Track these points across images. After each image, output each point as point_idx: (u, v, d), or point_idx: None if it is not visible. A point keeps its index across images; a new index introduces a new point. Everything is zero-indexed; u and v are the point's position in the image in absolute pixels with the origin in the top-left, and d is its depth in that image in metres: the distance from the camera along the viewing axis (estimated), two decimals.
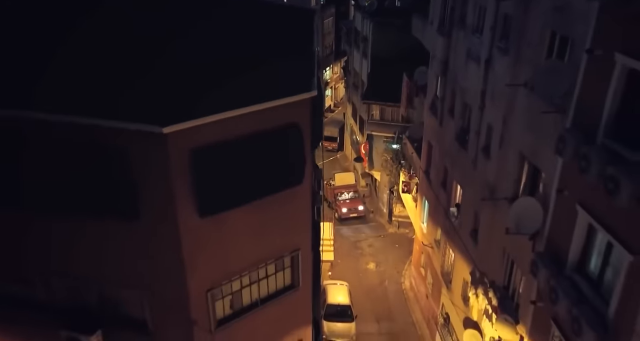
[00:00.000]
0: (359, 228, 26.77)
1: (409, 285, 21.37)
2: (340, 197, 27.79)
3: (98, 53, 8.04)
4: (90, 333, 9.03)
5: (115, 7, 9.26)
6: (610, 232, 7.14)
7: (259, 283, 9.81)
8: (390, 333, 18.40)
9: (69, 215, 8.33)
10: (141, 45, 8.26)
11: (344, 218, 26.97)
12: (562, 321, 8.36)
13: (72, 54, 8.10)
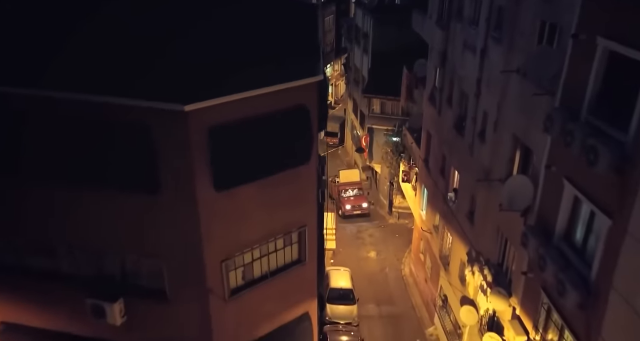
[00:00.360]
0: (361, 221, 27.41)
1: (408, 272, 22.07)
2: (345, 193, 27.75)
3: (125, 38, 8.68)
4: (113, 301, 9.72)
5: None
6: (592, 201, 7.82)
7: (268, 256, 10.51)
8: (391, 316, 19.10)
9: (94, 189, 9.02)
10: (162, 31, 8.89)
11: (347, 215, 26.94)
12: (549, 288, 9.05)
13: (100, 38, 8.74)
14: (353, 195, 27.69)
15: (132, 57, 8.32)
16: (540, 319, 9.74)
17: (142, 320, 10.01)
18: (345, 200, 27.43)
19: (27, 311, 10.76)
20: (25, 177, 9.21)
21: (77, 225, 9.58)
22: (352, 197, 27.53)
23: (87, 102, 8.16)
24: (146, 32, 8.63)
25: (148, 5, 9.46)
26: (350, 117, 38.47)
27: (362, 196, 27.96)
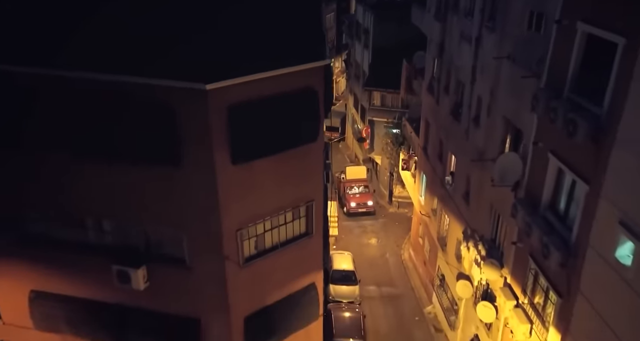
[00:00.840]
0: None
1: (407, 257, 22.97)
2: (350, 190, 27.52)
3: (153, 25, 9.46)
4: (137, 267, 10.59)
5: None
6: (573, 171, 8.70)
7: (279, 228, 11.38)
8: (391, 296, 20.01)
9: (120, 163, 9.89)
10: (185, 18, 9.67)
11: (352, 212, 26.75)
12: (536, 254, 9.93)
13: (133, 24, 9.50)
14: (359, 192, 27.44)
15: (158, 41, 9.15)
16: (528, 283, 10.64)
17: (163, 285, 10.89)
18: (351, 197, 27.14)
19: (55, 280, 11.63)
20: (58, 152, 10.09)
21: (103, 197, 10.44)
22: (357, 194, 27.28)
23: (118, 83, 9.02)
24: (170, 19, 9.45)
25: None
26: (351, 112, 39.36)
27: (368, 193, 27.60)
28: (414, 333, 17.95)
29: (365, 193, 27.62)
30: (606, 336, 7.73)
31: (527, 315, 10.58)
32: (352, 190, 27.57)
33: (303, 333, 13.07)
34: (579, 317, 8.62)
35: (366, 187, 28.09)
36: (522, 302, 10.96)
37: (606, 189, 7.66)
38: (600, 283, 7.89)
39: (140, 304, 11.38)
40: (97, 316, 11.86)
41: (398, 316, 18.88)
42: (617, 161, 7.43)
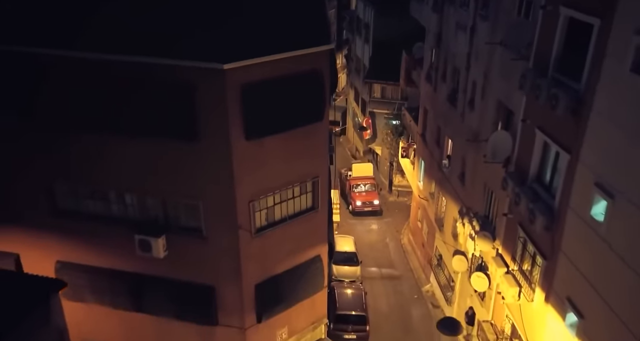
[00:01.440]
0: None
1: (407, 241, 23.88)
2: (356, 188, 26.89)
3: (175, 6, 10.26)
4: (157, 236, 11.47)
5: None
6: (557, 143, 9.58)
7: (287, 202, 12.27)
8: (391, 277, 20.93)
9: (142, 138, 10.75)
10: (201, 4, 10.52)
11: (357, 211, 26.17)
12: (524, 222, 10.82)
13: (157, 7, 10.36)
14: (365, 191, 26.84)
15: (179, 25, 9.99)
16: (517, 251, 11.53)
17: (181, 254, 11.78)
18: (357, 196, 26.52)
19: (80, 251, 12.52)
20: (86, 130, 10.97)
21: (126, 171, 11.33)
22: (363, 193, 26.72)
23: (143, 64, 9.90)
24: (190, 5, 10.26)
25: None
26: (352, 106, 40.22)
27: (374, 192, 26.96)
28: (413, 309, 18.85)
29: (372, 191, 26.95)
30: (584, 287, 8.62)
31: (516, 280, 11.48)
32: (357, 188, 26.98)
33: (309, 302, 13.98)
34: (560, 275, 9.52)
35: (373, 185, 27.45)
36: (512, 269, 11.85)
37: (583, 155, 8.54)
38: (578, 240, 8.78)
39: (159, 273, 12.27)
40: (118, 285, 12.76)
41: (397, 295, 19.79)
42: (592, 130, 8.31)
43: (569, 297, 9.08)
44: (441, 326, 15.49)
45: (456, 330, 14.97)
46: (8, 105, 11.12)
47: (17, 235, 12.53)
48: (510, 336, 12.46)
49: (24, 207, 12.28)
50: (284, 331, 13.58)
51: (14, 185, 12.09)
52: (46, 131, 11.25)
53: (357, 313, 16.63)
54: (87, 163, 11.42)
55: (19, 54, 10.61)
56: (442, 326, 15.47)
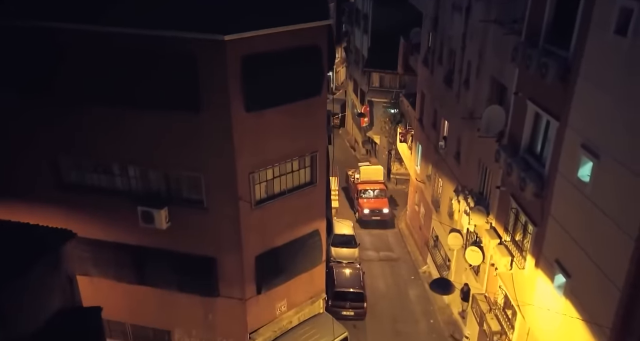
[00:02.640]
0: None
1: (404, 226, 24.24)
2: (364, 194, 24.27)
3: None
4: (160, 208, 11.79)
5: None
6: (546, 111, 9.90)
7: (286, 175, 12.58)
8: (388, 259, 21.29)
9: (144, 111, 11.04)
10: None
11: (364, 220, 23.58)
12: (516, 193, 11.14)
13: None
14: (373, 197, 24.17)
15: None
16: (510, 222, 11.86)
17: (183, 225, 12.10)
18: (364, 202, 23.84)
19: (85, 225, 12.77)
20: (89, 103, 11.27)
21: (129, 144, 11.62)
22: (372, 199, 24.04)
23: (146, 36, 10.19)
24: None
25: None
26: (351, 97, 40.55)
27: (384, 199, 24.16)
28: (410, 289, 19.21)
29: (381, 198, 24.11)
30: (571, 248, 8.95)
31: (508, 250, 11.81)
32: (365, 193, 24.29)
33: (307, 276, 14.32)
34: (549, 239, 9.85)
35: (383, 191, 24.59)
36: (505, 240, 12.19)
37: (571, 120, 8.86)
38: (566, 203, 9.11)
39: (161, 245, 12.60)
40: (122, 258, 13.09)
41: (395, 276, 20.15)
42: (579, 95, 8.63)
43: (557, 259, 9.41)
44: (434, 285, 15.99)
45: (448, 288, 15.46)
46: (13, 79, 11.42)
47: (22, 208, 12.82)
48: (503, 306, 12.81)
49: (29, 181, 12.59)
50: (283, 304, 13.92)
51: (19, 159, 12.40)
52: (50, 105, 11.55)
53: (354, 291, 16.98)
54: (91, 136, 11.71)
55: (26, 28, 10.91)
56: (435, 285, 15.97)
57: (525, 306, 11.03)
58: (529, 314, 10.90)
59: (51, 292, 6.65)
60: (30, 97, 11.50)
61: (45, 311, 6.58)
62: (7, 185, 12.73)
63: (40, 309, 6.49)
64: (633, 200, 7.16)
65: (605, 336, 7.88)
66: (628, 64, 7.30)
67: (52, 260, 6.56)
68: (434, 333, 16.48)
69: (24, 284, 6.14)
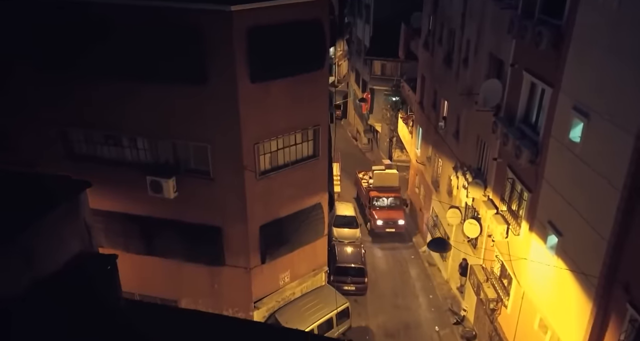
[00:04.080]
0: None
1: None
2: (377, 202, 21.57)
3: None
4: (168, 177, 12.21)
5: None
6: (541, 80, 10.28)
7: (290, 148, 12.99)
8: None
9: (152, 83, 11.44)
10: None
11: (377, 232, 21.09)
12: (512, 163, 11.53)
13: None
14: (387, 206, 21.44)
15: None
16: (506, 192, 12.25)
17: (190, 195, 12.52)
18: (377, 212, 21.14)
19: (95, 196, 12.98)
20: (100, 75, 11.67)
21: (138, 116, 12.04)
22: (386, 208, 21.35)
23: (154, 8, 10.59)
24: None
25: None
26: (353, 88, 40.93)
27: (399, 208, 21.59)
28: (410, 268, 19.60)
29: (397, 207, 21.49)
30: (562, 208, 9.35)
31: (504, 218, 12.21)
32: (379, 202, 21.56)
33: (310, 249, 14.75)
34: (543, 203, 10.25)
35: (398, 198, 21.91)
36: (501, 210, 12.58)
37: (564, 85, 9.24)
38: (558, 165, 9.51)
39: (169, 216, 13.03)
40: (131, 229, 13.53)
41: (396, 256, 20.56)
42: (571, 59, 9.00)
43: (550, 220, 9.80)
44: (432, 245, 16.51)
45: (444, 246, 15.98)
46: (29, 53, 11.84)
47: None
48: (499, 276, 13.22)
49: (41, 153, 13.03)
50: (286, 275, 14.36)
51: (31, 130, 12.82)
52: (62, 78, 11.98)
53: (356, 266, 17.41)
54: (101, 108, 12.13)
55: (41, 3, 11.30)
56: (432, 244, 16.50)
57: (520, 271, 11.44)
58: (524, 279, 11.31)
59: (71, 237, 7.05)
60: (44, 70, 11.93)
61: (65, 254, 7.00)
62: (19, 155, 13.15)
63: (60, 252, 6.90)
64: (619, 153, 7.55)
65: (593, 286, 8.29)
66: (616, 23, 7.68)
67: (71, 206, 6.97)
68: (433, 306, 16.89)
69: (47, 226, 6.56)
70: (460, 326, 15.59)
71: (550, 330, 10.04)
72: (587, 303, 8.51)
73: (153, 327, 7.02)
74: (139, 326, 6.97)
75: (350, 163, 29.10)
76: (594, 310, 8.27)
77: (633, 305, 7.45)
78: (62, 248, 6.91)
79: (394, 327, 15.97)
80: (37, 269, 6.37)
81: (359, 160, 32.26)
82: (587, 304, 8.48)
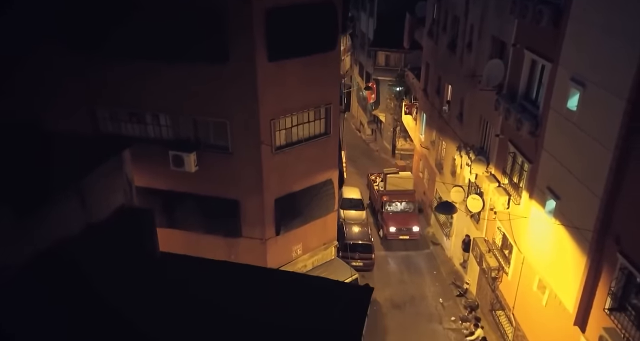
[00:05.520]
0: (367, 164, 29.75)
1: None
2: (390, 207, 20.80)
3: None
4: (189, 152, 12.97)
5: None
6: (541, 56, 11.02)
7: (303, 125, 13.74)
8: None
9: (176, 62, 12.17)
10: None
11: (390, 239, 20.22)
12: (513, 136, 12.28)
13: None
14: (401, 211, 20.67)
15: None
16: (508, 165, 13.01)
17: (210, 169, 13.27)
18: (390, 218, 20.29)
19: None
20: (126, 56, 12.41)
21: (162, 94, 12.77)
22: (399, 214, 20.57)
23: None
24: None
25: None
26: (357, 81, 41.66)
27: (414, 214, 20.75)
28: (415, 248, 20.37)
29: (410, 212, 20.65)
30: (560, 173, 10.10)
31: (505, 191, 12.97)
32: (392, 206, 20.76)
33: (321, 223, 15.52)
34: (542, 170, 11.01)
35: (411, 201, 21.00)
36: (503, 183, 13.34)
37: (562, 59, 9.99)
38: (557, 134, 10.27)
39: (189, 190, 13.77)
40: (153, 203, 14.22)
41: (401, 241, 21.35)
42: (569, 34, 9.74)
43: (548, 186, 10.57)
44: (439, 208, 17.46)
45: (451, 209, 16.92)
46: (54, 33, 12.56)
47: None
48: (500, 246, 13.99)
49: (68, 129, 13.76)
50: (299, 247, 15.14)
51: (59, 108, 13.51)
52: (91, 58, 12.70)
53: (363, 242, 18.20)
54: (126, 87, 12.86)
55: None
56: (439, 208, 17.46)
57: (520, 238, 12.21)
58: (523, 245, 12.08)
59: (116, 189, 7.81)
60: (73, 51, 12.66)
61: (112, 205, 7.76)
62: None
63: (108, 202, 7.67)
64: (611, 117, 8.30)
65: (587, 241, 9.05)
66: (610, 1, 8.41)
67: (116, 161, 7.73)
68: (437, 281, 17.68)
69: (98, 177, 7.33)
70: (463, 298, 16.39)
71: (548, 288, 10.82)
72: (581, 257, 9.28)
73: (189, 276, 7.76)
74: (176, 275, 7.71)
75: (355, 154, 29.90)
76: (588, 263, 9.04)
77: (623, 254, 8.22)
78: (110, 199, 7.68)
79: (399, 299, 16.77)
80: (90, 214, 7.14)
81: (363, 150, 33.10)
82: (582, 258, 9.25)
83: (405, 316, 15.89)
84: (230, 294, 7.17)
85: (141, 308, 6.48)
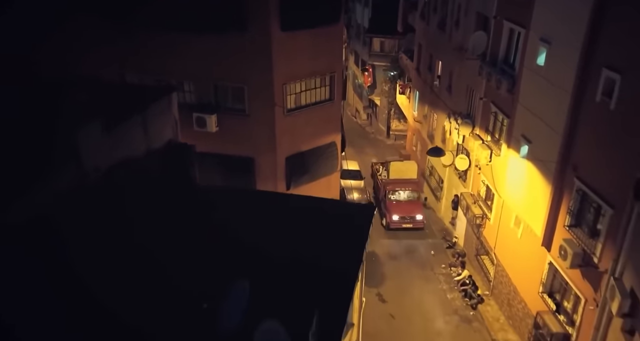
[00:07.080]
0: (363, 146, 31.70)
1: None
2: (393, 195, 20.71)
3: None
4: (211, 114, 14.67)
5: None
6: (517, 24, 12.87)
7: (310, 91, 15.49)
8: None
9: (198, 32, 13.81)
10: None
11: (393, 227, 20.02)
12: (494, 96, 14.12)
13: None
14: (404, 200, 20.59)
15: None
16: (490, 124, 14.88)
17: (229, 130, 14.97)
18: (394, 206, 20.23)
19: None
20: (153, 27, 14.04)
21: (186, 62, 14.43)
22: (402, 202, 20.45)
23: None
24: None
25: None
26: (352, 70, 43.43)
27: (417, 202, 20.68)
28: None
29: (414, 200, 20.56)
30: (531, 121, 11.96)
31: (488, 146, 14.84)
32: (395, 195, 20.72)
33: (326, 182, 17.28)
34: (517, 122, 12.88)
35: (415, 190, 20.99)
36: (486, 140, 15.21)
37: (533, 23, 11.85)
38: (529, 87, 12.14)
39: (210, 149, 15.42)
40: None
41: None
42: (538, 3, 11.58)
43: (522, 134, 12.44)
44: (431, 152, 19.56)
45: (440, 152, 19.02)
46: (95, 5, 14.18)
47: None
48: (484, 197, 15.87)
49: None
50: None
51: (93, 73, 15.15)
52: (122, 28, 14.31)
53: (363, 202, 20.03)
54: (154, 56, 14.49)
55: None
56: (431, 151, 19.58)
57: (500, 186, 14.08)
58: (502, 190, 13.96)
59: (167, 125, 9.52)
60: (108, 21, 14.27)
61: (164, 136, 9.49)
62: None
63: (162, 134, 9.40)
64: (570, 65, 10.15)
65: (551, 173, 10.93)
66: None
67: (166, 101, 9.44)
68: (429, 237, 19.56)
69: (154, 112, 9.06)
70: (452, 249, 18.27)
71: (523, 222, 12.71)
72: (547, 187, 11.16)
73: (229, 203, 9.46)
74: (218, 202, 9.41)
75: (352, 136, 31.62)
76: (552, 190, 10.92)
77: (579, 178, 10.11)
78: (162, 132, 9.43)
79: (395, 252, 18.63)
80: (150, 141, 8.89)
81: (360, 133, 34.99)
82: (548, 188, 11.13)
83: (400, 265, 17.76)
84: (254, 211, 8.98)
85: (178, 224, 8.14)
